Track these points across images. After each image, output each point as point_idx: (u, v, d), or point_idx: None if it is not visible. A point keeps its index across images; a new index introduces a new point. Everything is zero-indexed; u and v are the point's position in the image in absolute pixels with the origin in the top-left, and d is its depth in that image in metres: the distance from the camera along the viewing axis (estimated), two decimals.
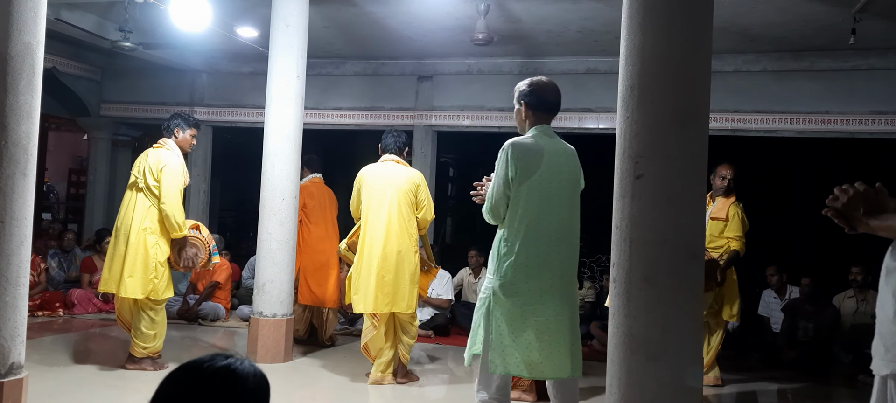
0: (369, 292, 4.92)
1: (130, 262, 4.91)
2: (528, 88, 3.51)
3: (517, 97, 3.54)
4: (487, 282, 3.39)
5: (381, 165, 5.20)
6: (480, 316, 3.39)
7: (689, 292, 2.94)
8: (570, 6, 6.19)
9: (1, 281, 3.41)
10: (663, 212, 2.90)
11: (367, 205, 5.05)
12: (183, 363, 1.45)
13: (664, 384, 2.87)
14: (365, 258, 4.99)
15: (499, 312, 3.31)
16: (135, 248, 4.93)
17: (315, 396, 4.98)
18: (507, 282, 3.31)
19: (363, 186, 5.12)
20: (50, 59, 8.15)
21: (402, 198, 5.04)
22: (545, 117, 3.48)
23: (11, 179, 3.44)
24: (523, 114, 3.50)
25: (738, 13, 6.04)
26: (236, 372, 1.41)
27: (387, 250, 4.95)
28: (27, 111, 3.50)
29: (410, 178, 5.13)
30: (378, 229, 4.99)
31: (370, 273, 4.94)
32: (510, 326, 3.30)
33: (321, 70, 8.49)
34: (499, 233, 3.40)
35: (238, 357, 1.45)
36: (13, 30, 3.42)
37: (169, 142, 5.17)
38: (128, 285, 4.92)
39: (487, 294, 3.36)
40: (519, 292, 3.30)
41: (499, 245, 3.37)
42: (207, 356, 1.44)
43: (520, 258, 3.30)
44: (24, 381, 3.54)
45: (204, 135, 9.53)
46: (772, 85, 7.46)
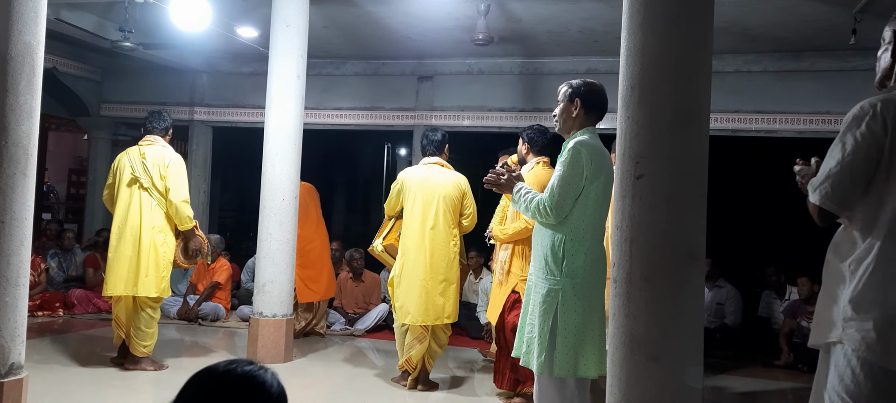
0: (417, 305, 4.77)
1: (144, 262, 4.94)
2: (585, 88, 3.39)
3: (569, 95, 3.39)
4: (545, 283, 3.26)
5: (424, 168, 5.01)
6: (540, 320, 3.25)
7: (690, 292, 2.94)
8: (571, 6, 6.18)
9: (1, 281, 3.41)
10: (664, 213, 2.90)
11: (411, 211, 4.88)
12: (206, 367, 1.45)
13: (665, 384, 2.87)
14: (408, 269, 4.83)
15: (568, 314, 3.22)
16: (148, 248, 4.95)
17: (316, 396, 4.98)
18: (578, 282, 3.22)
19: (406, 190, 4.95)
20: (50, 59, 8.15)
21: (448, 205, 4.87)
22: (595, 119, 3.41)
23: (11, 179, 3.44)
24: (575, 112, 3.36)
25: (738, 13, 6.04)
26: (261, 380, 1.42)
27: (434, 261, 4.80)
28: (27, 111, 3.50)
29: (457, 184, 4.95)
30: (425, 237, 4.82)
31: (416, 284, 4.79)
32: (582, 327, 3.22)
33: (321, 70, 8.49)
34: (556, 235, 3.25)
35: (256, 363, 1.46)
36: (13, 30, 3.42)
37: (160, 140, 5.16)
38: (144, 285, 4.94)
39: (551, 296, 3.23)
40: (589, 293, 3.23)
41: (561, 244, 3.23)
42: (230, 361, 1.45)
43: (589, 258, 3.22)
44: (24, 381, 3.54)
45: (204, 135, 9.54)
46: (772, 85, 7.45)
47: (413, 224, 4.88)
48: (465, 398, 4.92)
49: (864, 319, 1.99)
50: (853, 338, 2.00)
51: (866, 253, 2.02)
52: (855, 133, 2.03)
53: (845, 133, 2.06)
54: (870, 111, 2.03)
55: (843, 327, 2.03)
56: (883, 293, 1.98)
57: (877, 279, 1.99)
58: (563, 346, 3.21)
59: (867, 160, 2.02)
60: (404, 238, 4.92)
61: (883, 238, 2.00)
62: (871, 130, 2.01)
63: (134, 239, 4.96)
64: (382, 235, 5.18)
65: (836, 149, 2.07)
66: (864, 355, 1.98)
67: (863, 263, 2.02)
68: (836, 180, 2.05)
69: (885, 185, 2.01)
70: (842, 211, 2.08)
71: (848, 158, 2.03)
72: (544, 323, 3.24)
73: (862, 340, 1.98)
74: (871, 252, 2.01)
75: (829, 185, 2.06)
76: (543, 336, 3.24)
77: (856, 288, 2.02)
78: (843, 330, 2.03)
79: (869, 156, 2.01)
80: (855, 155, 2.02)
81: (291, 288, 5.83)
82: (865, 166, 2.02)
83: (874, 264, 2.00)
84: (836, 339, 2.05)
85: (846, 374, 2.01)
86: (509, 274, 4.45)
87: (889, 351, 1.95)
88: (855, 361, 2.00)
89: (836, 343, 2.05)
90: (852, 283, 2.03)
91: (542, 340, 3.24)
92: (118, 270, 4.97)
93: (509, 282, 4.45)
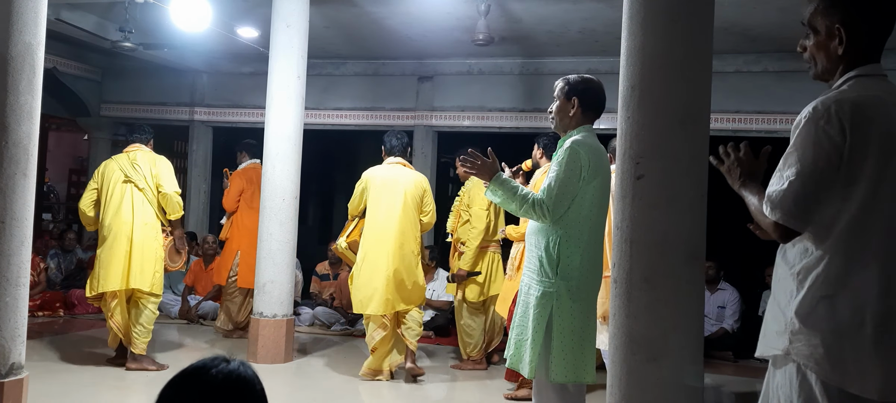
0: (378, 295, 4.93)
1: (138, 257, 5.05)
2: (583, 85, 3.25)
3: (566, 92, 3.25)
4: (539, 286, 3.14)
5: (388, 167, 5.21)
6: (534, 323, 3.13)
7: (690, 292, 2.94)
8: (571, 6, 6.18)
9: (1, 281, 3.41)
10: (664, 213, 2.90)
11: (376, 207, 5.06)
12: (183, 369, 1.43)
13: (665, 384, 2.87)
14: (370, 260, 5.00)
15: (564, 317, 3.09)
16: (141, 244, 5.07)
17: (315, 397, 4.97)
18: (573, 285, 3.10)
19: (370, 188, 5.13)
20: (50, 59, 8.14)
21: (411, 201, 5.09)
22: (593, 118, 3.29)
23: (12, 180, 3.44)
24: (572, 110, 3.23)
25: (739, 14, 6.04)
26: (244, 377, 1.41)
27: (401, 251, 4.98)
28: (28, 111, 3.49)
29: (418, 182, 5.21)
30: (388, 231, 5.00)
31: (378, 275, 4.95)
32: (581, 331, 3.11)
33: (321, 70, 8.49)
34: (551, 236, 3.12)
35: (234, 359, 1.45)
36: (14, 30, 3.42)
37: (144, 147, 5.36)
38: (139, 278, 5.05)
39: (546, 299, 3.11)
40: (585, 295, 3.15)
41: (556, 245, 3.10)
42: (207, 360, 1.43)
43: (585, 259, 3.12)
44: (24, 381, 3.54)
45: (204, 135, 9.54)
46: (773, 85, 7.45)
47: (376, 220, 5.05)
48: (466, 397, 4.93)
49: (812, 333, 1.84)
50: (801, 353, 1.86)
51: (817, 262, 1.86)
52: (813, 139, 1.83)
53: (801, 139, 1.85)
54: (824, 114, 1.83)
55: (791, 340, 1.88)
56: (831, 306, 1.83)
57: (826, 291, 1.84)
58: (559, 350, 3.09)
59: (829, 169, 1.81)
60: (367, 232, 5.07)
61: (835, 248, 1.84)
62: (829, 135, 1.81)
63: (127, 235, 5.06)
64: (346, 233, 5.31)
65: (792, 156, 1.86)
66: (813, 371, 1.84)
67: (812, 272, 1.86)
68: (799, 194, 1.83)
69: (841, 192, 1.83)
70: (805, 227, 1.87)
71: (808, 168, 1.82)
72: (538, 327, 3.11)
73: (810, 355, 1.84)
74: (823, 262, 1.85)
75: (791, 201, 1.83)
76: (537, 339, 3.11)
77: (804, 299, 1.86)
78: (791, 342, 1.88)
79: (830, 164, 1.81)
80: (815, 164, 1.82)
81: (292, 289, 5.83)
82: (825, 176, 1.82)
83: (824, 275, 1.84)
84: (782, 352, 1.91)
85: (795, 391, 1.88)
86: (519, 270, 4.52)
87: (837, 368, 1.81)
88: (803, 377, 1.86)
89: (784, 356, 1.91)
90: (800, 293, 1.87)
91: (535, 344, 3.12)
92: (113, 267, 5.01)
93: (519, 277, 4.48)
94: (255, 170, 6.76)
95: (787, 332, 1.90)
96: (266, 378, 1.51)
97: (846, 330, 1.82)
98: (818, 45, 1.98)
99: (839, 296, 1.83)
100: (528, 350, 3.16)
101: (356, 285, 5.05)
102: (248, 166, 6.86)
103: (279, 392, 4.95)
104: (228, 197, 6.76)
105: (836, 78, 1.95)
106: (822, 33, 1.96)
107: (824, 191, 1.83)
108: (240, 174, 6.81)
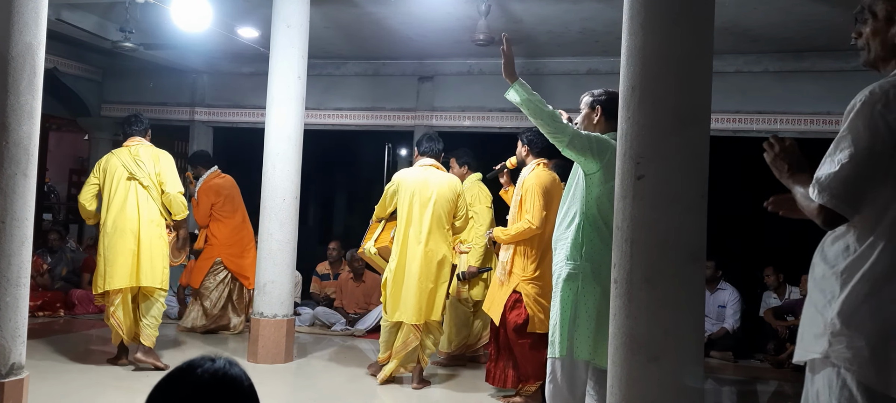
0: (414, 304, 4.81)
1: (147, 254, 5.05)
2: (605, 96, 3.72)
3: (590, 103, 3.76)
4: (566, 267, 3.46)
5: (420, 169, 5.08)
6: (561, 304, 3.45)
7: (690, 292, 2.94)
8: (571, 7, 6.18)
9: (2, 281, 3.41)
10: (664, 213, 2.90)
11: (407, 210, 4.92)
12: (169, 371, 1.44)
13: (665, 384, 2.87)
14: (405, 268, 4.86)
15: (587, 297, 3.42)
16: (148, 242, 5.07)
17: (316, 397, 4.97)
18: (596, 267, 3.42)
19: (402, 190, 4.99)
20: (51, 59, 8.14)
21: (444, 205, 4.95)
22: (615, 125, 3.42)
23: (12, 180, 3.44)
24: (596, 118, 3.73)
25: (739, 14, 6.04)
26: (230, 375, 1.41)
27: (429, 257, 4.85)
28: (28, 111, 3.49)
29: (452, 185, 5.04)
30: (421, 235, 4.87)
31: (411, 282, 4.83)
32: (599, 314, 3.39)
33: (322, 70, 8.49)
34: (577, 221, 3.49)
35: (220, 357, 1.44)
36: (14, 30, 3.42)
37: (144, 140, 5.30)
38: (148, 275, 5.05)
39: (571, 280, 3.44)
40: (605, 281, 3.30)
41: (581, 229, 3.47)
42: (194, 360, 1.43)
43: (607, 248, 3.31)
44: (24, 382, 3.54)
45: (205, 135, 9.54)
46: (773, 85, 7.45)
47: (411, 224, 4.90)
48: (466, 394, 4.93)
49: (855, 335, 1.74)
50: (841, 356, 1.77)
51: (863, 260, 1.77)
52: (868, 122, 1.75)
53: (855, 122, 1.77)
54: (882, 97, 1.75)
55: (831, 342, 1.78)
56: (878, 306, 1.73)
57: (873, 289, 1.74)
58: (583, 329, 3.38)
59: (882, 154, 1.73)
60: (401, 237, 4.92)
61: (884, 244, 1.75)
62: (886, 120, 1.73)
63: (133, 233, 5.04)
64: (373, 237, 5.20)
65: (845, 140, 1.77)
66: (855, 375, 1.75)
67: (858, 271, 1.77)
68: (850, 177, 1.74)
69: (893, 181, 1.75)
70: (854, 214, 1.78)
71: (862, 152, 1.74)
72: (566, 306, 3.41)
73: (852, 359, 1.75)
74: (869, 258, 1.76)
75: (841, 184, 1.75)
76: (565, 318, 3.41)
77: (847, 299, 1.77)
78: (831, 345, 1.78)
79: (884, 149, 1.73)
80: (870, 147, 1.73)
81: (292, 289, 5.83)
82: (880, 161, 1.74)
83: (871, 271, 1.75)
84: (822, 355, 1.81)
85: (835, 396, 1.78)
86: (511, 275, 4.46)
87: (883, 373, 1.72)
88: (843, 382, 1.77)
89: (823, 360, 1.82)
90: (844, 293, 1.78)
91: (563, 323, 3.42)
92: (120, 264, 4.99)
93: (511, 282, 4.46)
94: (220, 178, 6.89)
95: (826, 334, 1.80)
96: (266, 378, 1.51)
97: (894, 331, 1.73)
98: (875, 30, 1.92)
99: (886, 295, 1.74)
100: (557, 331, 3.44)
101: (391, 292, 4.88)
102: (211, 176, 6.90)
103: (279, 392, 4.94)
104: (200, 214, 6.81)
105: (890, 66, 1.88)
106: (881, 18, 1.90)
107: (876, 177, 1.76)
108: (205, 190, 6.81)
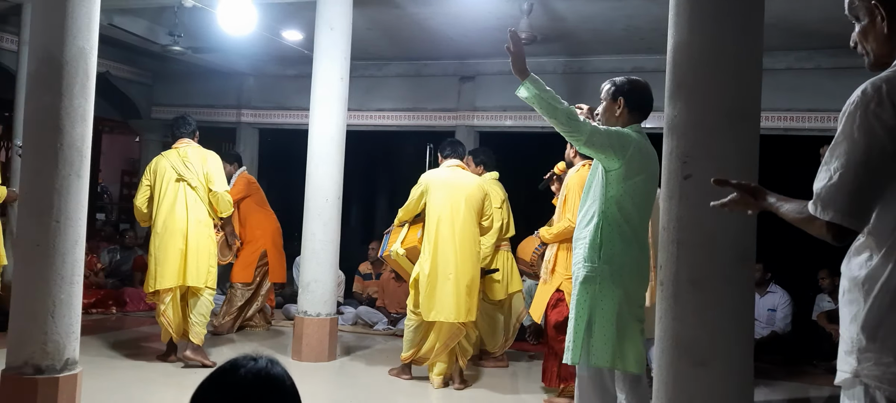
0: (448, 301, 4.80)
1: (194, 255, 5.14)
2: (629, 86, 3.35)
3: (612, 93, 3.36)
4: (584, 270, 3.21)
5: (448, 170, 5.12)
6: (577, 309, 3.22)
7: (739, 295, 2.87)
8: (616, 4, 6.10)
9: (56, 279, 3.53)
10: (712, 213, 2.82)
11: (439, 209, 4.92)
12: (212, 371, 1.46)
13: (713, 389, 2.81)
14: (440, 266, 4.84)
15: (606, 300, 3.16)
16: (196, 242, 5.16)
17: (358, 395, 5.01)
18: (615, 269, 3.16)
19: (432, 190, 4.98)
20: (103, 63, 8.38)
21: (472, 205, 4.97)
22: (639, 118, 3.35)
23: (66, 180, 3.55)
24: (618, 110, 3.34)
25: (790, 9, 5.87)
26: (272, 375, 1.42)
27: (463, 255, 4.86)
28: (81, 114, 3.61)
29: (480, 185, 5.09)
30: (455, 233, 4.88)
31: (447, 280, 4.82)
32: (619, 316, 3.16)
33: (364, 72, 8.55)
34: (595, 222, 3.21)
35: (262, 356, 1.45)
36: (68, 36, 3.53)
37: (192, 142, 5.40)
38: (196, 275, 5.14)
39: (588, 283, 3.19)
40: (627, 282, 3.19)
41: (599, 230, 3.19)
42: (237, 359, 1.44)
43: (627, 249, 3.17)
44: (78, 376, 3.65)
45: (250, 136, 9.72)
46: (826, 82, 7.22)
47: (442, 222, 4.91)
48: (508, 395, 4.90)
49: (883, 350, 1.61)
50: (871, 374, 1.63)
51: (881, 269, 1.64)
52: (862, 125, 1.62)
53: (849, 126, 1.65)
54: (874, 96, 1.63)
55: (859, 359, 1.65)
56: None
57: (893, 299, 1.62)
58: (600, 335, 3.15)
59: (882, 157, 1.61)
60: (433, 236, 4.90)
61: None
62: (881, 119, 1.60)
63: (182, 233, 5.14)
64: (399, 239, 5.17)
65: (841, 147, 1.65)
66: (886, 394, 1.61)
67: (878, 282, 1.64)
68: (851, 187, 1.63)
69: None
70: (863, 225, 1.66)
71: (860, 158, 1.61)
72: (581, 311, 3.19)
73: (881, 376, 1.61)
74: (887, 267, 1.63)
75: (844, 195, 1.63)
76: (580, 323, 3.19)
77: (870, 312, 1.64)
78: (859, 363, 1.65)
79: (884, 152, 1.60)
80: (867, 153, 1.61)
81: (335, 288, 5.89)
82: (882, 164, 1.61)
83: (890, 283, 1.62)
84: (852, 373, 1.67)
85: None
86: (554, 273, 4.46)
87: None
88: (875, 399, 1.63)
89: (853, 379, 1.68)
90: (866, 305, 1.65)
91: (578, 328, 3.20)
92: (169, 264, 5.09)
93: (553, 281, 4.45)
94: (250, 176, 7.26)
95: (853, 352, 1.68)
96: (309, 376, 1.52)
97: None
98: (864, 31, 1.81)
99: None
100: (572, 336, 3.24)
101: (427, 292, 4.86)
102: (246, 173, 7.17)
103: (322, 390, 4.99)
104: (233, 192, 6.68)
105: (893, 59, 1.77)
106: (864, 17, 1.81)
107: (880, 182, 1.64)
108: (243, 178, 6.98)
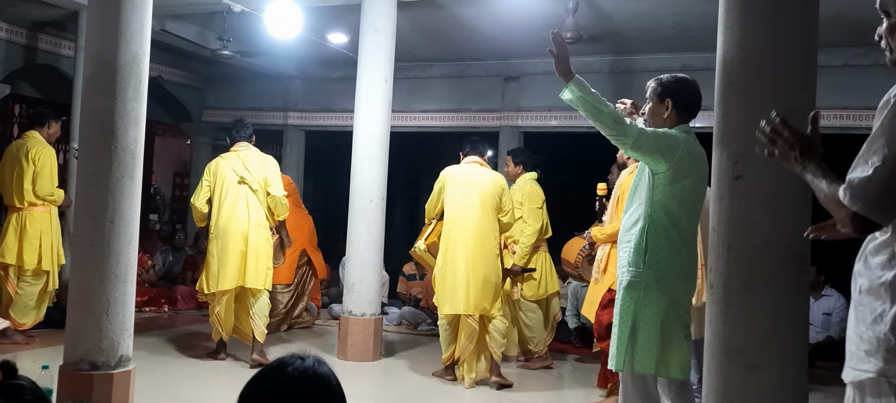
0: (464, 294, 4.87)
1: (253, 258, 5.21)
2: (677, 85, 3.19)
3: (659, 93, 3.21)
4: (628, 275, 3.12)
5: (465, 166, 5.21)
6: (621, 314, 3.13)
7: (792, 298, 2.78)
8: (664, 1, 5.99)
9: (110, 277, 3.63)
10: (764, 215, 2.75)
11: (453, 206, 5.03)
12: (260, 369, 1.48)
13: (765, 395, 2.73)
14: (450, 259, 4.96)
15: (650, 306, 3.07)
16: (256, 244, 5.23)
17: (402, 394, 5.03)
18: (661, 275, 3.06)
19: (448, 184, 5.10)
20: (155, 68, 8.62)
21: (488, 200, 5.02)
22: (687, 119, 3.23)
23: (120, 182, 3.66)
24: (666, 112, 3.19)
25: (847, 5, 5.68)
26: (319, 374, 1.44)
27: (475, 248, 4.92)
28: (134, 117, 3.71)
29: (496, 181, 5.13)
30: (468, 228, 4.95)
31: (458, 272, 4.90)
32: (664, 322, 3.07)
33: (408, 73, 8.59)
34: (641, 225, 3.10)
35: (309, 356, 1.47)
36: (121, 41, 3.64)
37: (250, 145, 5.46)
38: (255, 277, 5.22)
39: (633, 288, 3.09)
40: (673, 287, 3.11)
41: (644, 234, 3.08)
42: (285, 358, 1.46)
43: (674, 253, 3.08)
44: (131, 373, 3.75)
45: (297, 139, 9.86)
46: (884, 79, 6.80)
47: (456, 217, 4.98)
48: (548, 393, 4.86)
49: None
50: None
51: None
52: None
53: (889, 120, 1.63)
54: None
55: (886, 359, 1.62)
56: None
57: None
58: (644, 341, 3.07)
59: None
60: (447, 230, 5.00)
61: None
62: None
63: (243, 236, 5.21)
64: (425, 236, 5.26)
65: (879, 141, 1.64)
66: None
67: None
68: (886, 182, 1.60)
69: None
70: (888, 221, 1.65)
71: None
72: (625, 317, 3.11)
73: None
74: None
75: (877, 190, 1.61)
76: (623, 330, 3.11)
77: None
78: (886, 363, 1.62)
79: None
80: None
81: (379, 288, 5.93)
82: None
83: None
84: (877, 374, 1.65)
85: None
86: (605, 273, 4.41)
87: None
88: None
89: (877, 380, 1.65)
90: (894, 306, 1.63)
91: (622, 334, 3.11)
92: (230, 266, 5.16)
93: (605, 281, 4.41)
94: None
95: (880, 351, 1.65)
96: (354, 375, 1.54)
97: None
98: (891, 28, 1.78)
99: None
100: (615, 341, 3.16)
101: (440, 286, 5.02)
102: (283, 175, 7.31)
103: (367, 389, 5.03)
104: None
105: None
106: (894, 13, 1.76)
107: None
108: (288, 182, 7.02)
